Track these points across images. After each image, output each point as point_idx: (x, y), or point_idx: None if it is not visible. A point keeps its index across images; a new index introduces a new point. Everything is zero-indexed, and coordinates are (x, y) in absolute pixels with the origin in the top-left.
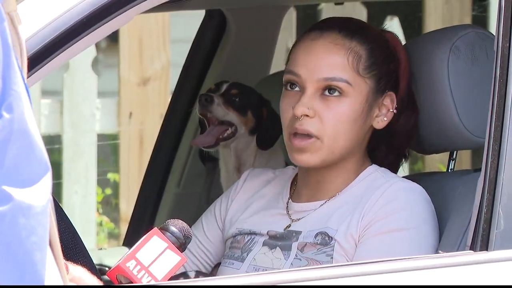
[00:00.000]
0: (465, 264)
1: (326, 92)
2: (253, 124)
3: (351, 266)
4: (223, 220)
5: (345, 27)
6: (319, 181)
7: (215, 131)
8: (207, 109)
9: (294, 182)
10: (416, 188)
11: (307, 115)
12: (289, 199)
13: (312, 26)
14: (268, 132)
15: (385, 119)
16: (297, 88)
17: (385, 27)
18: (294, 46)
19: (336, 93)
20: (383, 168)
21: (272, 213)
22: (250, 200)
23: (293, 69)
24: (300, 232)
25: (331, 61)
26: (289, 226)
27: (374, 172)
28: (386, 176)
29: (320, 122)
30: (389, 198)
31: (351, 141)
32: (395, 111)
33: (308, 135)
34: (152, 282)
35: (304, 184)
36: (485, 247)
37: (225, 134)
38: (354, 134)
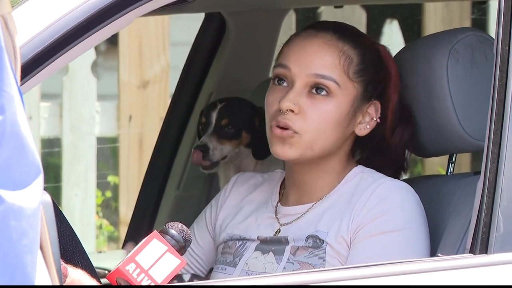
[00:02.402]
0: (465, 267)
1: (314, 91)
2: (249, 139)
3: (348, 270)
4: (213, 226)
5: (339, 30)
6: (303, 182)
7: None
8: (208, 158)
9: (282, 186)
10: (404, 187)
11: (292, 111)
12: (277, 202)
13: (307, 26)
14: (263, 141)
15: (368, 127)
16: (285, 84)
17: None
18: (286, 43)
19: (324, 92)
20: (369, 169)
21: (262, 218)
22: (240, 205)
23: (284, 62)
24: (290, 237)
25: (323, 59)
26: (279, 231)
27: (361, 173)
28: (373, 176)
29: (303, 119)
30: (378, 198)
31: (331, 142)
32: (378, 120)
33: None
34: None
35: (290, 187)
36: (484, 250)
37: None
38: (335, 136)
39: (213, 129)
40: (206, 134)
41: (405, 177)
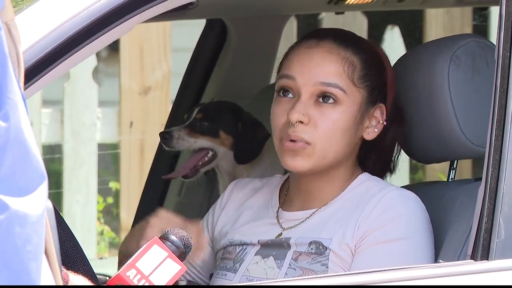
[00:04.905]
0: (466, 274)
1: (321, 100)
2: (231, 141)
3: (350, 276)
4: (211, 233)
5: (339, 36)
6: (310, 190)
7: (190, 161)
8: (171, 146)
9: (282, 191)
10: (411, 196)
11: (301, 122)
12: (279, 208)
13: (307, 35)
14: (246, 145)
15: (376, 130)
16: (290, 95)
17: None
18: (288, 53)
19: (331, 101)
20: (375, 177)
21: (263, 223)
22: (239, 211)
23: (289, 73)
24: (292, 240)
25: (328, 68)
26: (280, 234)
27: (367, 181)
28: (379, 184)
29: (314, 129)
30: (385, 207)
31: (342, 150)
32: (385, 123)
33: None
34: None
35: (295, 193)
36: (485, 256)
37: (206, 159)
38: (345, 142)
39: (189, 122)
40: (180, 126)
41: (406, 183)
